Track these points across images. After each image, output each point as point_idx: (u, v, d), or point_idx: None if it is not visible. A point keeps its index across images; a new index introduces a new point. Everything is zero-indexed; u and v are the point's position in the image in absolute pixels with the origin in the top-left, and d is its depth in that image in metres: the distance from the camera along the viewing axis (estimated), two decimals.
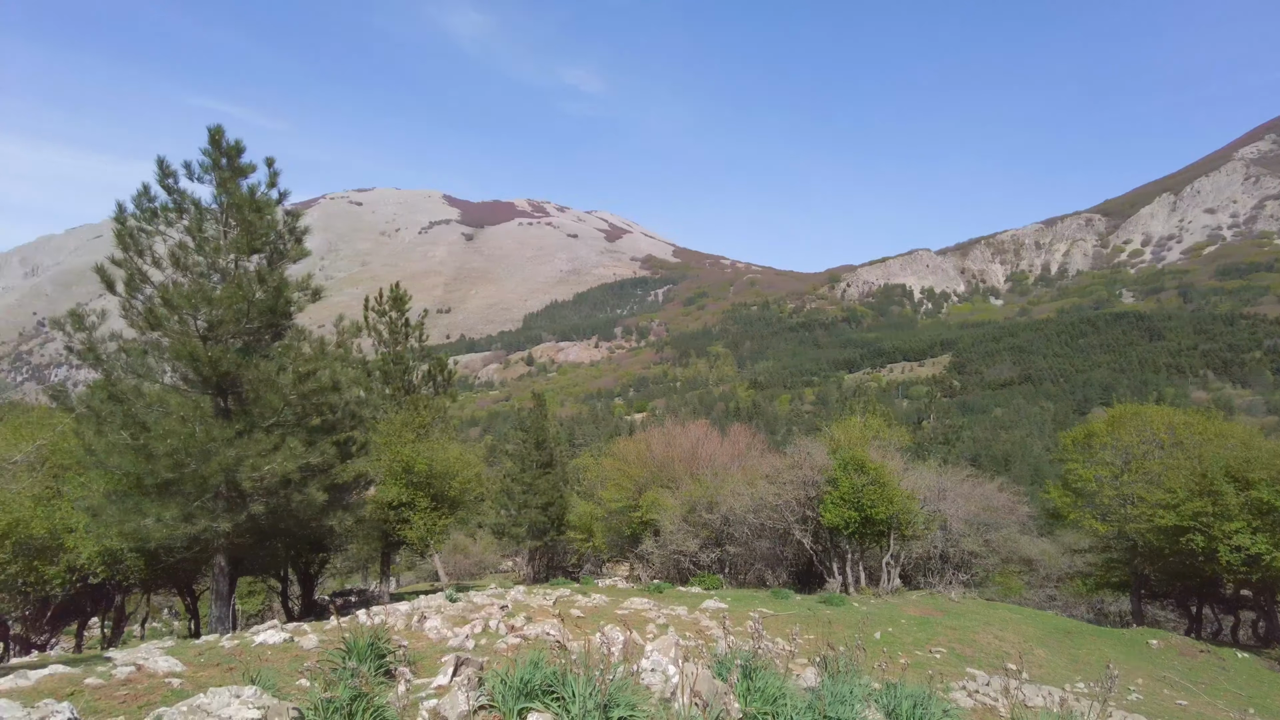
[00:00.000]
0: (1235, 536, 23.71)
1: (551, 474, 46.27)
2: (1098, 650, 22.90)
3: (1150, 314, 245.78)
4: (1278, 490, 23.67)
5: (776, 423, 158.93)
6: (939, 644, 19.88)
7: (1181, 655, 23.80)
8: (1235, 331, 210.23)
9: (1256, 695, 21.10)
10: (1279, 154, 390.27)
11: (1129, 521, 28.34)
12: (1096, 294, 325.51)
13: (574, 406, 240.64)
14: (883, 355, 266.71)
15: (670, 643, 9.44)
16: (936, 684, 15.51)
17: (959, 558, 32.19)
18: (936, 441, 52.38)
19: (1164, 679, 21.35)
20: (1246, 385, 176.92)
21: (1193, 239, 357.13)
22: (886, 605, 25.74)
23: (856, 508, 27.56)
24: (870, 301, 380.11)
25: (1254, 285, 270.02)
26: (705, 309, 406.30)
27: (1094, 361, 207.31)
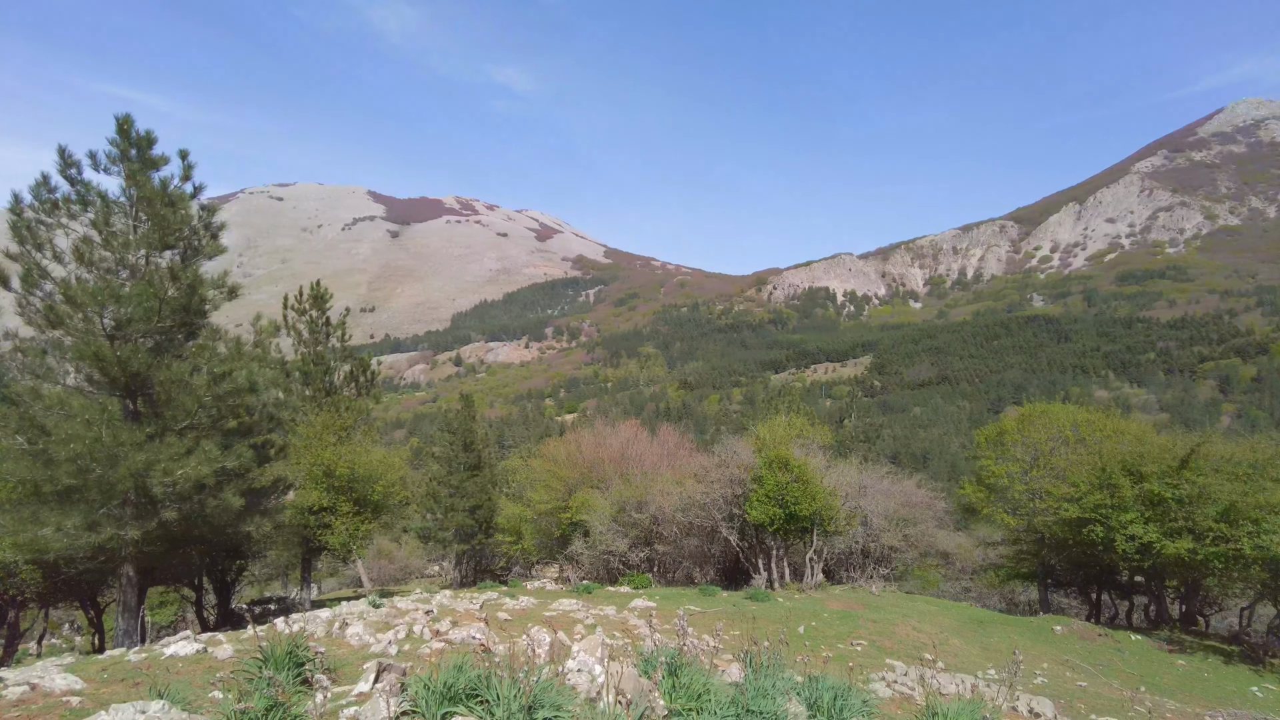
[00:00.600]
0: (1130, 526, 25.17)
1: (479, 476, 45.72)
2: (1008, 638, 23.99)
3: (1058, 317, 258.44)
4: (1167, 483, 25.25)
5: (705, 422, 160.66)
6: (860, 637, 20.48)
7: (1082, 639, 25.13)
8: (1133, 334, 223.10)
9: (1147, 674, 22.47)
10: (1169, 169, 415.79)
11: (1037, 515, 29.76)
12: (1009, 298, 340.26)
13: (504, 408, 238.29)
14: (807, 356, 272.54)
15: (597, 642, 9.50)
16: (857, 676, 16.02)
17: (879, 552, 33.22)
18: (858, 440, 53.88)
19: (1067, 662, 22.52)
20: (1142, 384, 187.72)
21: (1096, 246, 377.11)
22: (810, 600, 26.37)
23: (781, 505, 28.15)
24: (795, 304, 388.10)
25: (1149, 291, 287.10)
26: (636, 310, 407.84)
27: (1007, 362, 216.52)
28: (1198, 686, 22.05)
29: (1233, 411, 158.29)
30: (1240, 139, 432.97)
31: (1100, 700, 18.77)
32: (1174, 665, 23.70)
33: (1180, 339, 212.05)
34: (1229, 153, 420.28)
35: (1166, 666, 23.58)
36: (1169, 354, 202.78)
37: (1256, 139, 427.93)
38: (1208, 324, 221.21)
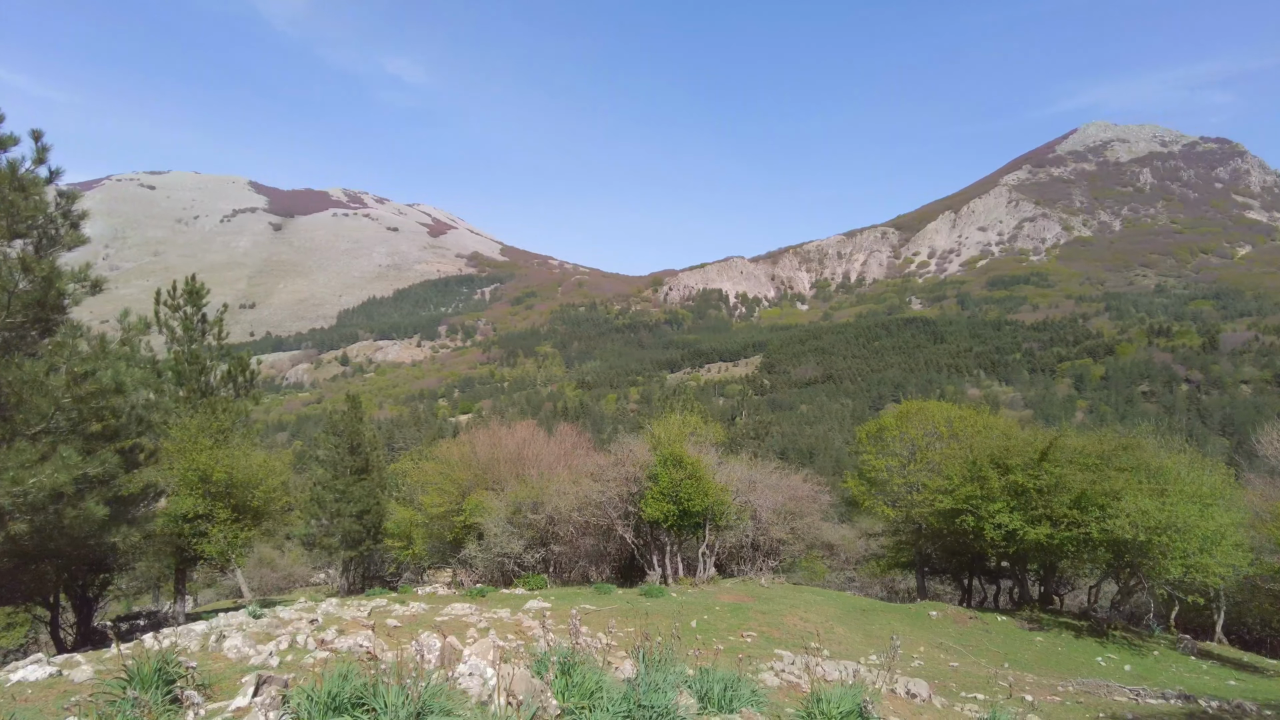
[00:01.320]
0: (998, 515, 27.02)
1: (367, 480, 44.25)
2: (888, 624, 25.28)
3: (935, 319, 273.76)
4: (1029, 474, 27.28)
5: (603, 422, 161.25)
6: (751, 628, 21.09)
7: (955, 623, 26.79)
8: (1001, 336, 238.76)
9: (1011, 651, 24.20)
10: (1033, 182, 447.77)
11: (915, 506, 31.47)
12: (890, 301, 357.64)
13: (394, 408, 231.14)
14: (701, 356, 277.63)
15: (489, 645, 9.43)
16: (747, 666, 16.50)
17: (769, 545, 34.29)
18: (748, 437, 55.38)
19: (941, 645, 23.95)
20: (1009, 383, 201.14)
21: (969, 253, 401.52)
22: (703, 594, 26.95)
23: (675, 501, 28.64)
24: (690, 305, 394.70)
25: (1015, 295, 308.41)
26: (534, 309, 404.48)
27: (888, 362, 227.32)
28: (1053, 660, 23.91)
29: (1085, 407, 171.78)
30: (1091, 158, 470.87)
31: (970, 678, 20.07)
32: (1034, 642, 25.60)
33: (1042, 340, 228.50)
34: (1082, 170, 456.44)
35: (1027, 643, 25.44)
36: (1032, 354, 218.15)
37: (1104, 159, 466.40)
38: (1065, 327, 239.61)
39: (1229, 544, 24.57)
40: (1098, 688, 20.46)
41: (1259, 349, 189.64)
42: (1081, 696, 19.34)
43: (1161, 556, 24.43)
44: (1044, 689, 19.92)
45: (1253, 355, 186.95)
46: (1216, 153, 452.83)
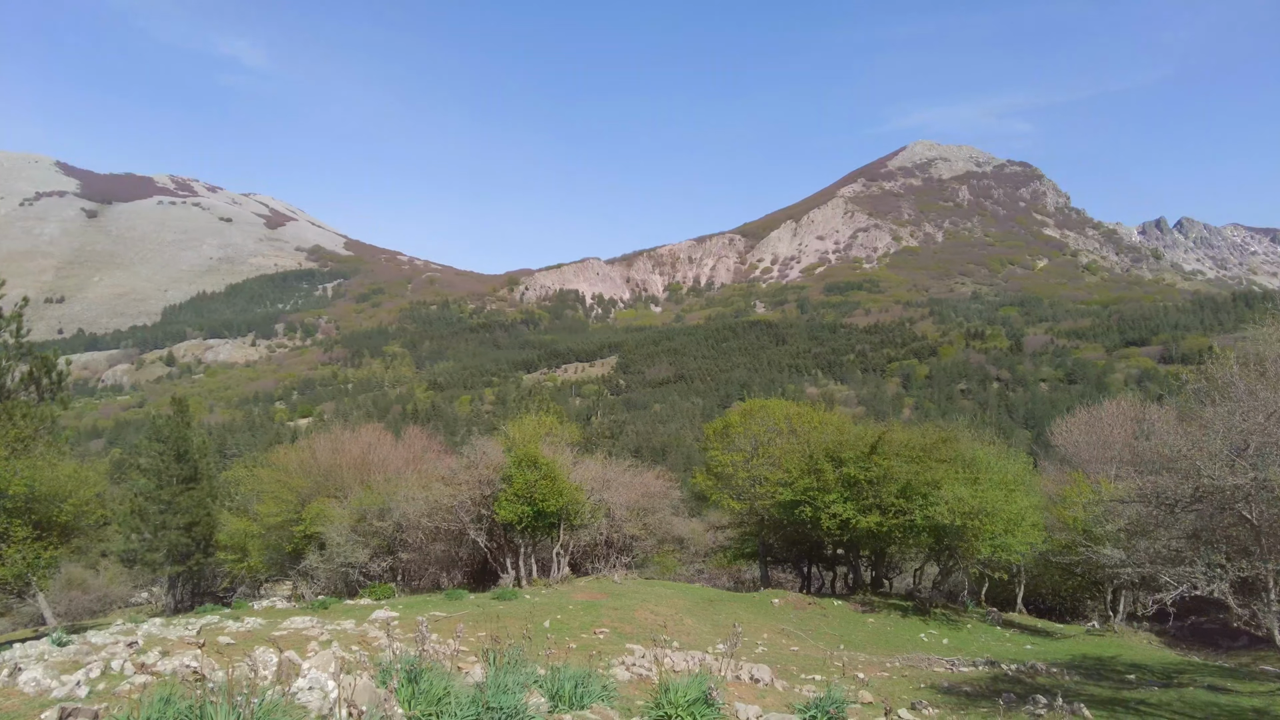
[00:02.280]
0: (833, 506, 28.83)
1: (196, 489, 41.00)
2: (734, 614, 26.35)
3: (777, 322, 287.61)
4: (860, 466, 29.31)
5: (456, 424, 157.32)
6: (604, 625, 21.37)
7: (796, 609, 28.32)
8: (837, 338, 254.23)
9: (846, 633, 25.91)
10: (867, 195, 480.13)
11: (758, 499, 32.97)
12: (737, 304, 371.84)
13: (226, 412, 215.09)
14: (558, 356, 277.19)
15: (330, 658, 9.08)
16: (599, 662, 16.69)
17: (622, 542, 34.83)
18: (603, 436, 55.97)
19: (783, 630, 25.26)
20: (844, 381, 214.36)
21: (808, 260, 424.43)
22: (557, 594, 26.99)
23: (529, 503, 28.52)
24: (547, 305, 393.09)
25: (850, 300, 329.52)
26: (381, 306, 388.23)
27: (735, 362, 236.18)
28: (883, 639, 25.81)
29: (912, 404, 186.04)
30: (918, 174, 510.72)
31: (809, 661, 21.30)
32: (866, 623, 27.53)
33: (873, 342, 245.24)
34: (910, 185, 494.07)
35: (860, 625, 27.32)
36: (865, 355, 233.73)
37: (929, 175, 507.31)
38: (894, 330, 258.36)
39: (1028, 525, 27.50)
40: (920, 661, 22.31)
41: (1054, 350, 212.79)
42: (907, 670, 21.01)
43: (974, 538, 26.94)
44: (874, 666, 21.47)
45: (1049, 356, 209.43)
46: (1020, 175, 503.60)
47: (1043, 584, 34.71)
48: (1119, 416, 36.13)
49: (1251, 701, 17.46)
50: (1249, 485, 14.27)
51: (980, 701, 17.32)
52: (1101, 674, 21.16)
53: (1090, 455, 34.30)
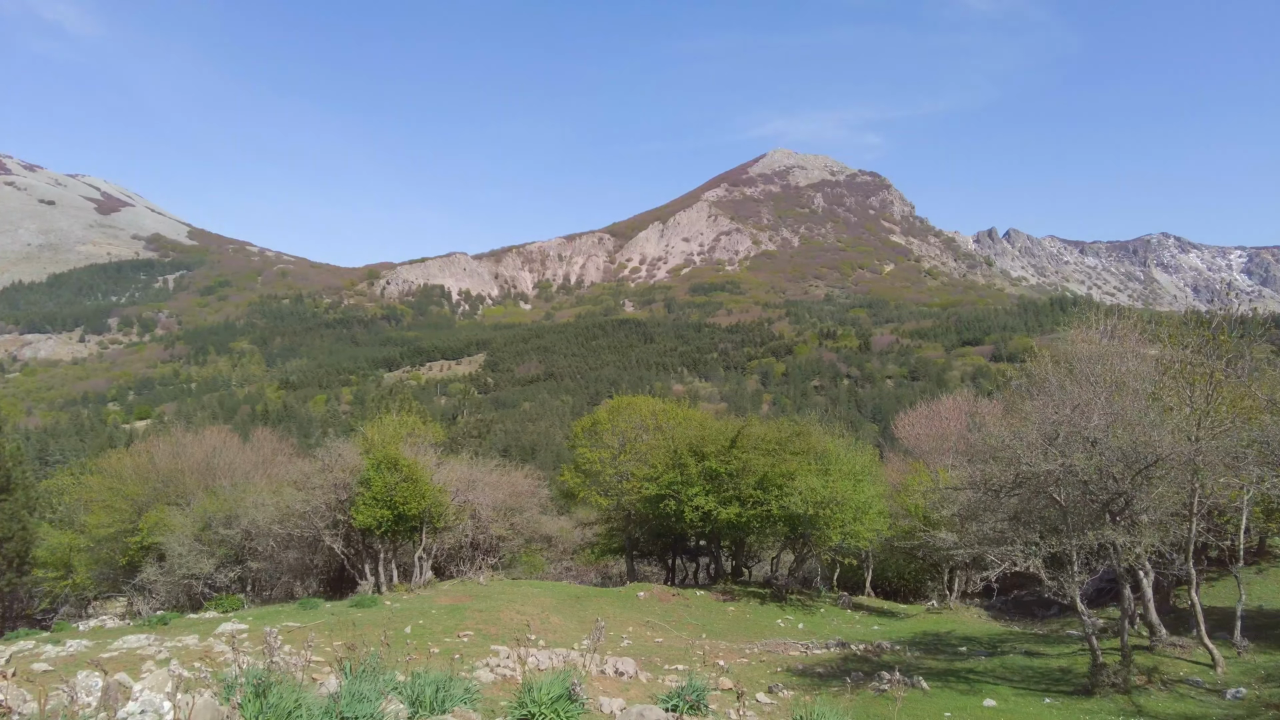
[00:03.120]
0: (695, 499, 29.68)
1: (8, 501, 36.86)
2: (600, 609, 26.60)
3: (645, 321, 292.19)
4: (721, 460, 30.33)
5: (310, 425, 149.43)
6: (468, 627, 21.03)
7: (660, 601, 28.93)
8: (702, 337, 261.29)
9: (708, 622, 26.76)
10: (730, 199, 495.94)
11: (625, 495, 33.44)
12: (606, 303, 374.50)
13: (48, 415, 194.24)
14: (422, 354, 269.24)
15: (165, 677, 8.48)
16: (462, 666, 16.43)
17: (489, 543, 34.35)
18: (470, 435, 54.95)
19: (648, 623, 25.75)
20: (708, 379, 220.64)
21: (674, 261, 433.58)
22: (419, 599, 26.29)
23: (390, 506, 27.61)
24: (410, 300, 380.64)
25: (713, 301, 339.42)
26: (228, 300, 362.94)
27: (604, 360, 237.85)
28: (743, 626, 26.84)
29: (770, 400, 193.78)
30: (777, 181, 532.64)
31: (672, 651, 21.83)
32: (727, 612, 28.53)
33: (735, 341, 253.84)
34: (769, 191, 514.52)
35: (721, 614, 28.27)
36: (727, 354, 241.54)
37: (788, 182, 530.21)
38: (754, 330, 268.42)
39: (874, 512, 29.39)
40: (777, 646, 23.38)
41: (899, 349, 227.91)
42: (765, 655, 21.96)
43: (826, 527, 28.49)
44: (735, 653, 22.30)
45: (895, 355, 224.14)
46: (870, 184, 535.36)
47: (889, 568, 37.15)
48: (954, 410, 39.21)
49: (1059, 662, 19.49)
50: (1058, 470, 15.92)
51: (832, 681, 18.38)
52: (938, 648, 22.95)
53: (930, 446, 37.01)
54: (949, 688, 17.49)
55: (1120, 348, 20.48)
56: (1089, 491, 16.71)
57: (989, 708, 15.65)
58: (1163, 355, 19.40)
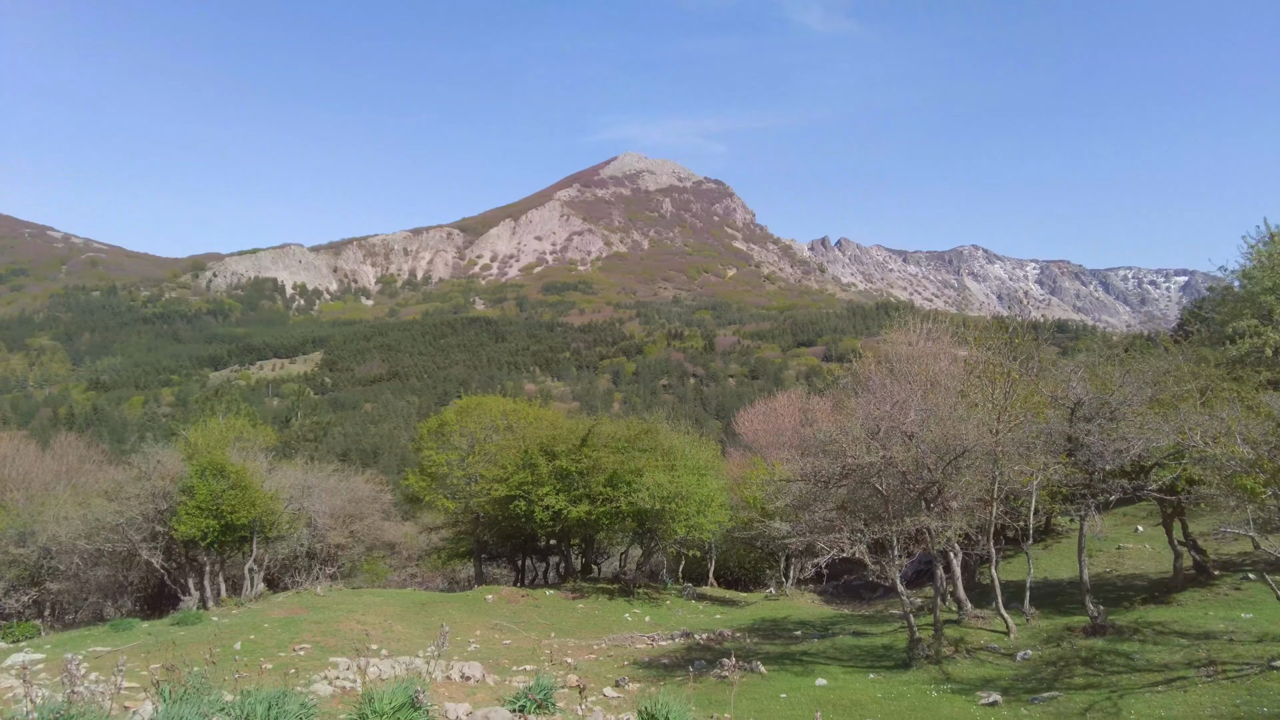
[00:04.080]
0: (546, 498, 29.73)
1: None
2: (447, 614, 26.07)
3: (496, 319, 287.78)
4: (572, 459, 30.55)
5: (125, 430, 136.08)
6: (305, 640, 20.03)
7: (509, 603, 28.73)
8: (554, 336, 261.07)
9: (557, 621, 26.88)
10: (582, 200, 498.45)
11: (473, 497, 32.93)
12: (455, 300, 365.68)
13: None
14: (253, 352, 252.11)
15: None
16: (298, 680, 15.66)
17: (327, 552, 32.78)
18: (305, 439, 52.18)
19: (496, 626, 25.51)
20: (560, 378, 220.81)
21: (527, 259, 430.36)
22: (251, 613, 24.72)
23: (216, 515, 25.78)
24: (239, 294, 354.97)
25: (566, 300, 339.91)
26: (24, 290, 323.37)
27: (453, 359, 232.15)
28: (592, 622, 27.15)
29: (621, 399, 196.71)
30: (628, 184, 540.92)
31: (521, 652, 21.78)
32: (576, 609, 28.76)
33: (587, 341, 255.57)
34: (620, 194, 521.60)
35: (570, 612, 28.47)
36: (579, 353, 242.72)
37: (638, 186, 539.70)
38: (605, 330, 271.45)
39: (717, 505, 30.62)
40: (625, 640, 23.85)
41: (741, 350, 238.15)
42: (613, 650, 22.35)
43: (672, 520, 29.37)
44: (583, 650, 22.54)
45: (737, 355, 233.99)
46: (715, 191, 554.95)
47: (730, 558, 38.78)
48: (789, 407, 41.55)
49: (882, 640, 21.16)
50: (880, 462, 17.33)
51: (676, 671, 19.02)
52: (776, 633, 24.26)
53: (767, 441, 39.02)
54: (785, 670, 18.56)
55: (934, 349, 22.54)
56: (907, 481, 18.30)
57: (820, 686, 16.76)
58: (970, 356, 21.55)
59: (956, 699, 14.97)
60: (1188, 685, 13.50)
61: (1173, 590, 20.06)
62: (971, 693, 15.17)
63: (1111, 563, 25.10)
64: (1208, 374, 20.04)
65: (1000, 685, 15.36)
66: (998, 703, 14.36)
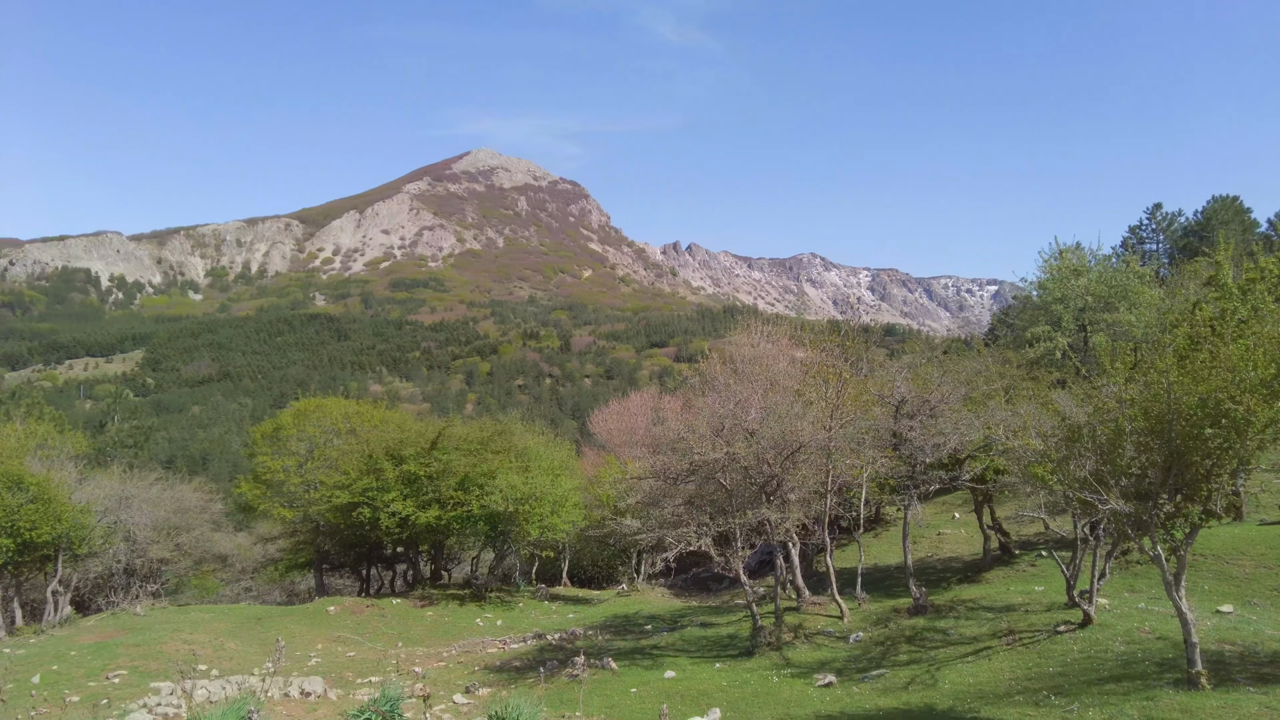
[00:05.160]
0: (392, 504, 28.75)
1: None
2: (285, 629, 24.65)
3: (339, 317, 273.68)
4: (420, 462, 29.72)
5: None
6: (121, 666, 18.37)
7: (353, 614, 27.56)
8: (403, 335, 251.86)
9: (405, 630, 26.10)
10: (433, 194, 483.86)
11: (313, 505, 31.26)
12: (294, 295, 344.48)
13: None
14: (60, 350, 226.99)
15: None
16: (110, 711, 14.40)
17: (148, 568, 30.17)
18: (123, 445, 47.69)
19: (339, 638, 24.42)
20: (409, 379, 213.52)
21: (373, 253, 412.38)
22: (54, 640, 22.30)
23: (10, 534, 23.06)
24: (44, 286, 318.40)
25: (416, 298, 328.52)
26: None
27: (291, 359, 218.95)
28: (442, 629, 26.57)
29: (475, 400, 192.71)
30: (482, 180, 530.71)
31: (365, 664, 21.00)
32: (425, 617, 28.01)
33: (439, 340, 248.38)
34: (474, 190, 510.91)
35: (419, 620, 27.70)
36: (430, 353, 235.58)
37: (492, 183, 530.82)
38: (458, 329, 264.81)
39: (571, 505, 30.79)
40: (475, 645, 23.53)
41: (596, 350, 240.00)
42: (463, 656, 21.99)
43: (525, 522, 29.23)
44: (433, 657, 22.03)
45: (593, 355, 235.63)
46: (571, 192, 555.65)
47: (584, 557, 39.06)
48: (641, 406, 42.39)
49: (728, 629, 22.09)
50: (724, 458, 18.11)
51: (528, 673, 19.00)
52: (627, 629, 24.73)
53: (621, 440, 39.60)
54: (636, 665, 18.99)
55: (774, 350, 23.79)
56: (749, 475, 19.23)
57: (669, 679, 17.28)
58: (807, 357, 22.91)
59: (796, 682, 15.90)
60: (992, 654, 15.04)
61: (982, 570, 22.21)
62: (809, 675, 16.16)
63: (933, 547, 27.40)
64: (1011, 374, 22.36)
65: (835, 667, 16.46)
66: (833, 683, 15.39)
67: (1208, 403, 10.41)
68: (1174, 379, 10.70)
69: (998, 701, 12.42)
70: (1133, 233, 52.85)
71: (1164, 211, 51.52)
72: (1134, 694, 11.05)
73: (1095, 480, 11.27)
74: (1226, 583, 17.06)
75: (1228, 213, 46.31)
